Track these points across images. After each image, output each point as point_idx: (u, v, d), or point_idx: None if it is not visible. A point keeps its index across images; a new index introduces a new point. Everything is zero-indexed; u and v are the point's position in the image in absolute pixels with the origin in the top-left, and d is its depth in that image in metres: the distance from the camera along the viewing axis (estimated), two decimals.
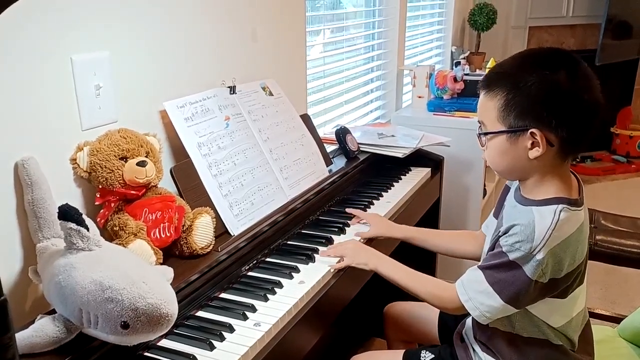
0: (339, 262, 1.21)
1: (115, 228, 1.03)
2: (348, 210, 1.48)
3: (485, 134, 1.05)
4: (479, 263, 1.08)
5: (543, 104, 0.97)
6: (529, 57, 1.03)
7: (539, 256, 0.96)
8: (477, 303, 1.04)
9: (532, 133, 0.98)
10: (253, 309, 1.03)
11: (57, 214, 0.85)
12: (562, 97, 0.96)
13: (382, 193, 1.66)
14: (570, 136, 0.98)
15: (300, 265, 1.20)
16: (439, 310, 1.36)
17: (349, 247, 1.25)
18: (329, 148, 1.79)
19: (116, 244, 0.99)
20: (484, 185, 2.55)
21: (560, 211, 0.98)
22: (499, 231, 1.03)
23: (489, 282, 1.02)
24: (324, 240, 1.31)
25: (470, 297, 1.05)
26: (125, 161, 1.06)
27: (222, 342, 0.94)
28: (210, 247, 1.15)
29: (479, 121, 1.07)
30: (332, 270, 1.19)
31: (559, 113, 0.96)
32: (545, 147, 0.98)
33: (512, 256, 0.99)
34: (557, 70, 0.96)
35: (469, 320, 1.21)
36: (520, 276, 0.99)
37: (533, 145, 0.99)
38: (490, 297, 1.02)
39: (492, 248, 1.06)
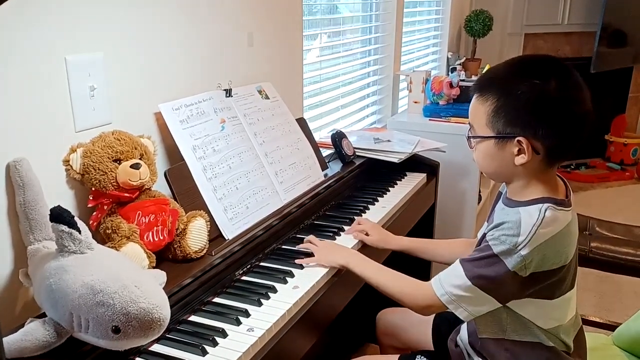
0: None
1: (107, 231, 1.02)
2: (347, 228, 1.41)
3: (475, 137, 1.07)
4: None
5: (531, 113, 0.98)
6: (521, 64, 1.05)
7: (524, 252, 0.97)
8: (453, 297, 1.04)
9: (519, 141, 1.00)
10: (246, 314, 1.02)
11: (49, 216, 0.84)
12: (550, 107, 0.98)
13: (378, 198, 1.65)
14: (557, 145, 1.00)
15: (294, 270, 1.19)
16: (432, 317, 1.35)
17: (321, 246, 1.26)
18: (325, 152, 1.79)
19: (109, 247, 0.98)
20: (479, 191, 2.55)
21: (546, 209, 0.99)
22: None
23: (468, 276, 1.02)
24: None
25: (447, 292, 1.05)
26: (119, 163, 1.05)
27: (214, 347, 0.93)
28: (204, 251, 1.14)
29: (469, 123, 1.09)
30: (298, 263, 1.21)
31: (547, 122, 0.98)
32: (531, 155, 1.00)
33: (496, 249, 0.99)
34: (548, 79, 0.98)
35: (463, 327, 1.20)
36: (500, 270, 0.99)
37: (519, 152, 1.01)
38: (467, 289, 1.02)
39: (478, 244, 1.06)
